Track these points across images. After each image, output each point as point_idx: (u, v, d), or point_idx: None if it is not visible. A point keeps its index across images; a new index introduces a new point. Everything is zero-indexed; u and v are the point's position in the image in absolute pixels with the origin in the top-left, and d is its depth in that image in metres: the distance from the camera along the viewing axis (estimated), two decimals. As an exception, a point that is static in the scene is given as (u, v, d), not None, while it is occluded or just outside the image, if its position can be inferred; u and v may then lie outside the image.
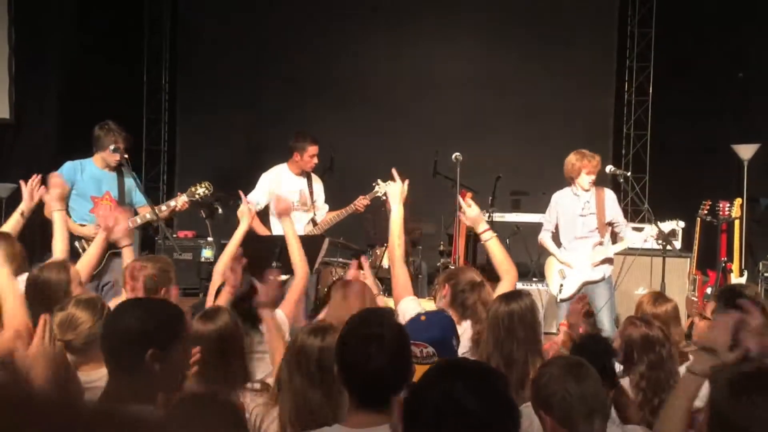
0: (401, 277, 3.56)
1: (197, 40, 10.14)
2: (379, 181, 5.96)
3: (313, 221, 6.19)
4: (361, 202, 6.06)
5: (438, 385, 1.72)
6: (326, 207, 6.37)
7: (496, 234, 3.80)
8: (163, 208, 5.34)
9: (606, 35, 9.65)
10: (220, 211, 6.50)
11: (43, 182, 4.37)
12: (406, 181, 3.79)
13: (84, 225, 5.23)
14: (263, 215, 5.92)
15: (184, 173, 10.35)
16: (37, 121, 8.23)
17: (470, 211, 3.79)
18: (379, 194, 6.02)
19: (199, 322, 2.88)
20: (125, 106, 9.57)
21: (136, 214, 5.40)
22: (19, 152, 8.05)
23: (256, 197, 6.03)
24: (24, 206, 4.27)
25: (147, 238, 8.89)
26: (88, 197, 5.27)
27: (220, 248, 8.07)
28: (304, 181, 6.25)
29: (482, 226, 3.79)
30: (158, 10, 10.02)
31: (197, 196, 5.43)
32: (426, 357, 2.60)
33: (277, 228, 5.84)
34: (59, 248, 3.86)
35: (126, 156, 5.21)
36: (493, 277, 3.79)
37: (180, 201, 5.33)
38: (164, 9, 10.06)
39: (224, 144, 9.81)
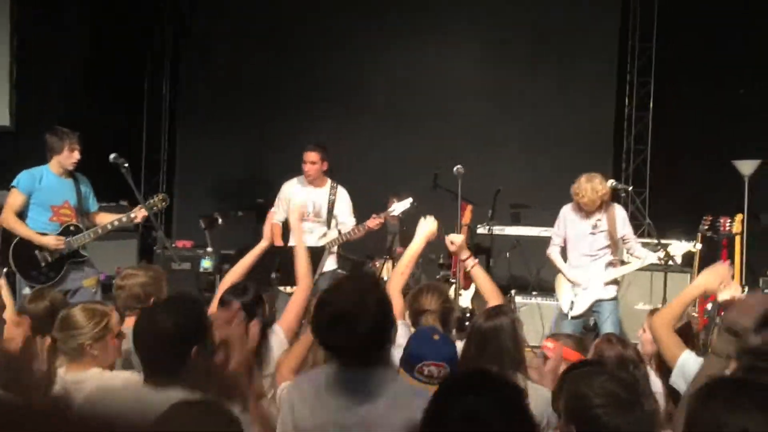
0: (397, 303, 3.52)
1: (199, 48, 10.15)
2: (394, 199, 6.15)
3: (339, 233, 6.01)
4: (375, 221, 5.83)
5: (461, 400, 1.71)
6: (353, 221, 6.09)
7: (477, 261, 3.85)
8: (124, 219, 5.38)
9: (607, 49, 9.64)
10: (219, 221, 6.49)
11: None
12: (434, 221, 3.89)
13: (45, 234, 5.23)
14: (285, 228, 5.76)
15: (183, 182, 10.34)
16: (36, 129, 8.18)
17: (455, 238, 3.91)
18: (395, 213, 6.04)
19: None
20: (126, 114, 9.57)
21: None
22: (19, 160, 8.03)
23: (277, 209, 6.00)
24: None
25: (145, 247, 8.86)
26: (47, 206, 5.29)
27: (219, 258, 8.06)
28: (320, 192, 6.10)
29: (464, 254, 3.84)
30: (161, 19, 10.03)
31: (155, 209, 5.46)
32: (442, 378, 2.54)
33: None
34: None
35: (79, 158, 5.34)
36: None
37: (140, 214, 5.35)
38: (167, 18, 10.07)
39: (224, 153, 9.79)
